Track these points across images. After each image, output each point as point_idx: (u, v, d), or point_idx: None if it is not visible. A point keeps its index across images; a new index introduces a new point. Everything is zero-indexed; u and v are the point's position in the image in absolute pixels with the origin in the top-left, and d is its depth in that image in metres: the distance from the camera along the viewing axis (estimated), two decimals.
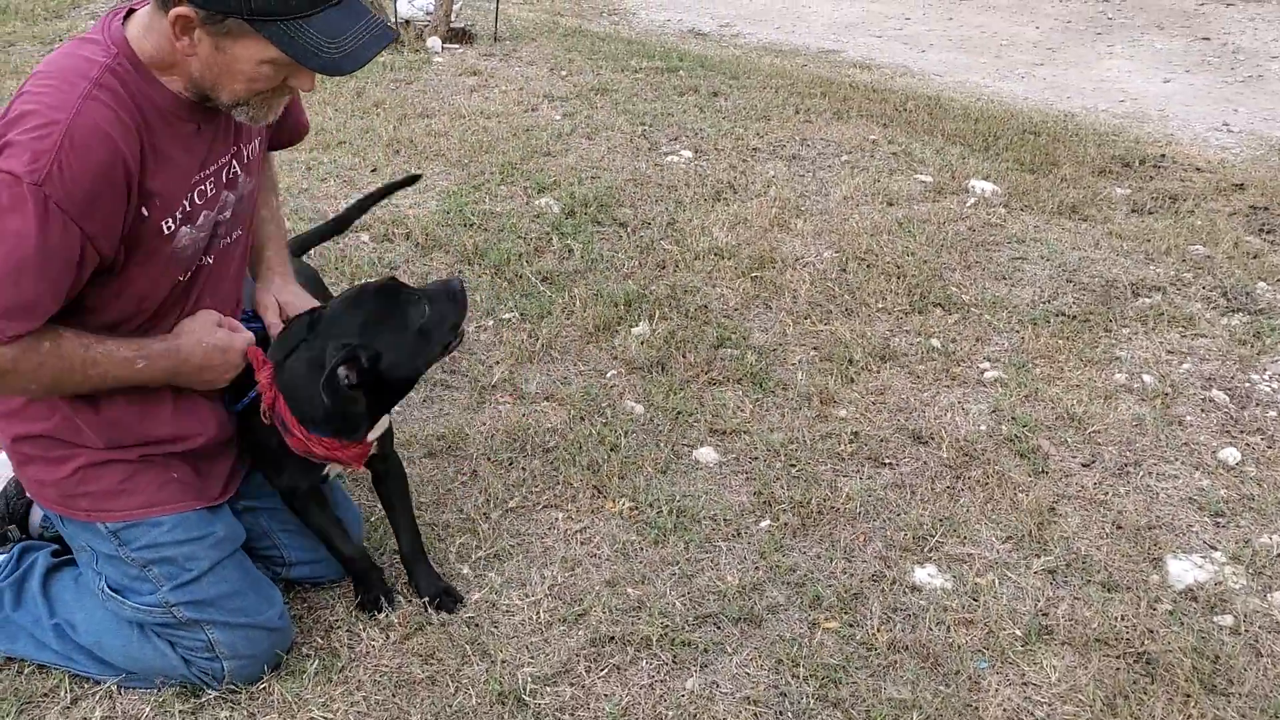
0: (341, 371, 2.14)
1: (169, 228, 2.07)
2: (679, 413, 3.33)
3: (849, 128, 5.68)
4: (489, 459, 3.11)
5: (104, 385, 2.12)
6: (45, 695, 2.31)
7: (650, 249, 4.29)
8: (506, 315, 3.82)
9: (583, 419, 3.27)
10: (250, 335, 2.31)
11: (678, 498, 2.96)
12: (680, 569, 2.73)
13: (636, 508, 2.93)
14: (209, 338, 2.20)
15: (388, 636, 2.49)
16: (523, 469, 3.07)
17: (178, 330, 2.18)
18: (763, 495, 3.00)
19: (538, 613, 2.57)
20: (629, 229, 4.43)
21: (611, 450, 3.13)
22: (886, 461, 3.17)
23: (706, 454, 3.17)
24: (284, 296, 2.47)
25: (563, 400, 3.38)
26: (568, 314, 3.82)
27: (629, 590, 2.66)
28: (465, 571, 2.70)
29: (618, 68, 6.48)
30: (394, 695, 2.33)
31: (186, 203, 2.09)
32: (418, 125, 5.30)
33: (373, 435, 2.35)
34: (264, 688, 2.34)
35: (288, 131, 2.49)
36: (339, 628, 2.50)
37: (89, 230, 1.92)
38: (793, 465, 3.12)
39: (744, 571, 2.74)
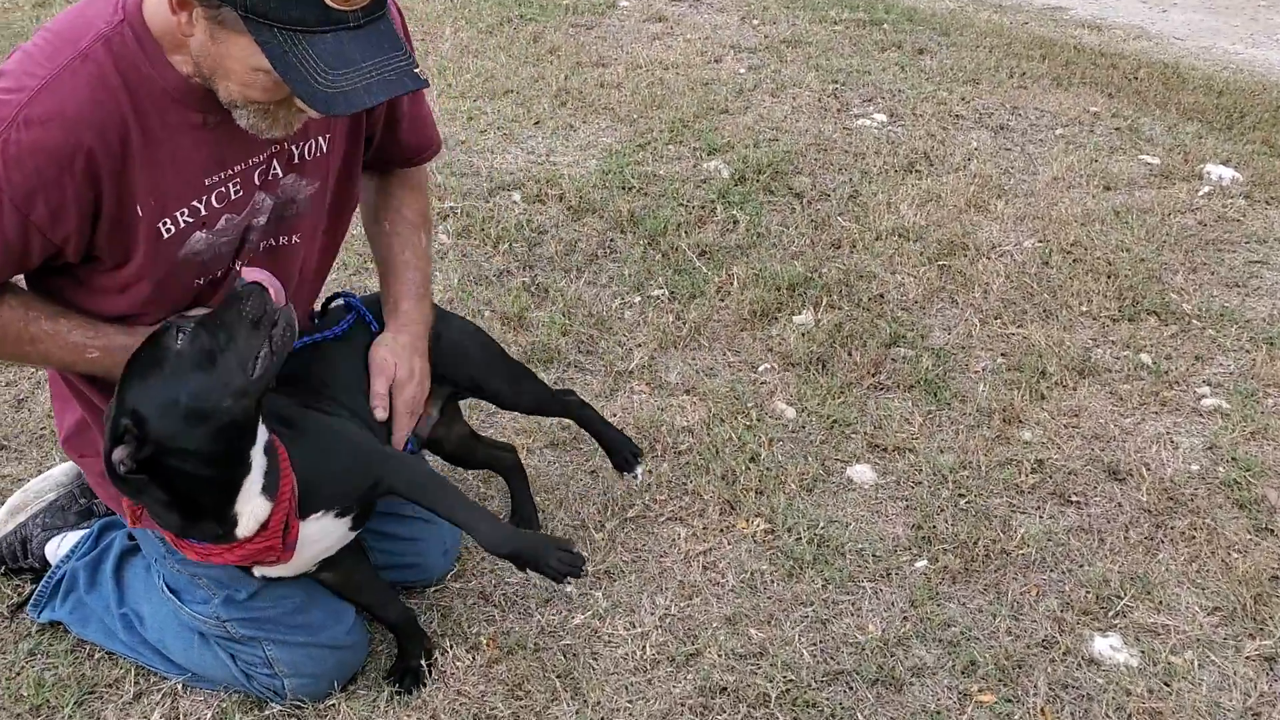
0: (117, 456, 1.66)
1: (169, 230, 1.80)
2: (835, 421, 2.93)
3: (1068, 97, 5.06)
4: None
5: (48, 364, 1.91)
6: (109, 686, 2.16)
7: (825, 225, 3.86)
8: (655, 292, 3.49)
9: (724, 419, 2.92)
10: None
11: (821, 523, 2.59)
12: (814, 611, 2.37)
13: (772, 531, 2.57)
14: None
15: (474, 658, 2.22)
16: (649, 472, 2.74)
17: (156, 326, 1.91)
18: (922, 529, 2.59)
19: (644, 647, 2.26)
20: (804, 201, 4.02)
21: (751, 460, 2.77)
22: (1073, 499, 2.70)
23: (862, 473, 2.77)
24: (402, 370, 2.12)
25: (704, 395, 3.03)
26: (723, 295, 3.46)
27: (751, 631, 2.31)
28: (569, 589, 2.40)
29: (815, 18, 5.99)
30: None
31: (199, 205, 1.82)
32: (590, 75, 4.99)
33: (246, 530, 1.82)
34: (332, 705, 2.12)
35: (402, 145, 2.15)
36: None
37: (34, 218, 1.66)
38: (961, 495, 2.69)
39: (889, 621, 2.35)
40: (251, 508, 1.81)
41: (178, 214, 1.79)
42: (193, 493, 1.74)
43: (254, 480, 1.80)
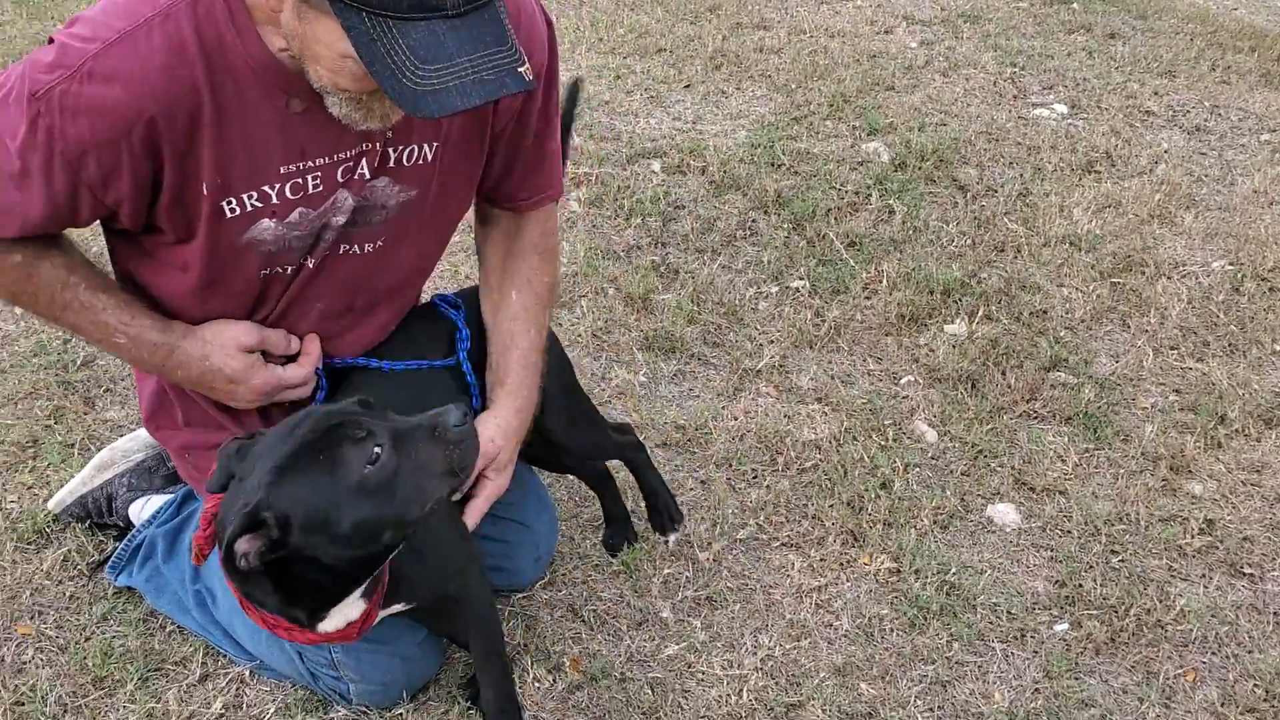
0: (240, 547, 1.44)
1: (233, 211, 1.63)
2: (980, 450, 2.65)
3: (1278, 97, 4.56)
4: (729, 466, 2.58)
5: (77, 335, 1.79)
6: (176, 664, 2.05)
7: (989, 224, 3.53)
8: (795, 284, 3.23)
9: (856, 436, 2.67)
10: (282, 377, 1.78)
11: (954, 567, 2.32)
12: (935, 670, 2.12)
13: (898, 571, 2.32)
14: (218, 358, 1.75)
15: (554, 680, 2.05)
16: (766, 488, 2.52)
17: (193, 330, 1.74)
18: (1066, 587, 2.31)
19: (740, 691, 2.05)
20: (968, 195, 3.68)
21: (883, 487, 2.52)
22: (1247, 571, 2.38)
23: (1004, 513, 2.50)
24: (504, 455, 1.92)
25: (837, 405, 2.77)
26: (869, 293, 3.18)
27: (862, 686, 2.08)
28: (665, 614, 2.21)
29: None
30: None
31: (270, 191, 1.64)
32: (749, 38, 4.71)
33: (329, 626, 1.64)
34: (400, 714, 1.97)
35: (515, 180, 1.92)
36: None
37: (84, 176, 1.52)
38: (1114, 551, 2.40)
39: (1018, 692, 2.09)
40: (347, 611, 1.64)
41: (244, 196, 1.63)
42: (303, 592, 1.56)
43: (361, 588, 1.63)
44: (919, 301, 3.12)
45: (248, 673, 2.04)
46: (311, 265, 1.78)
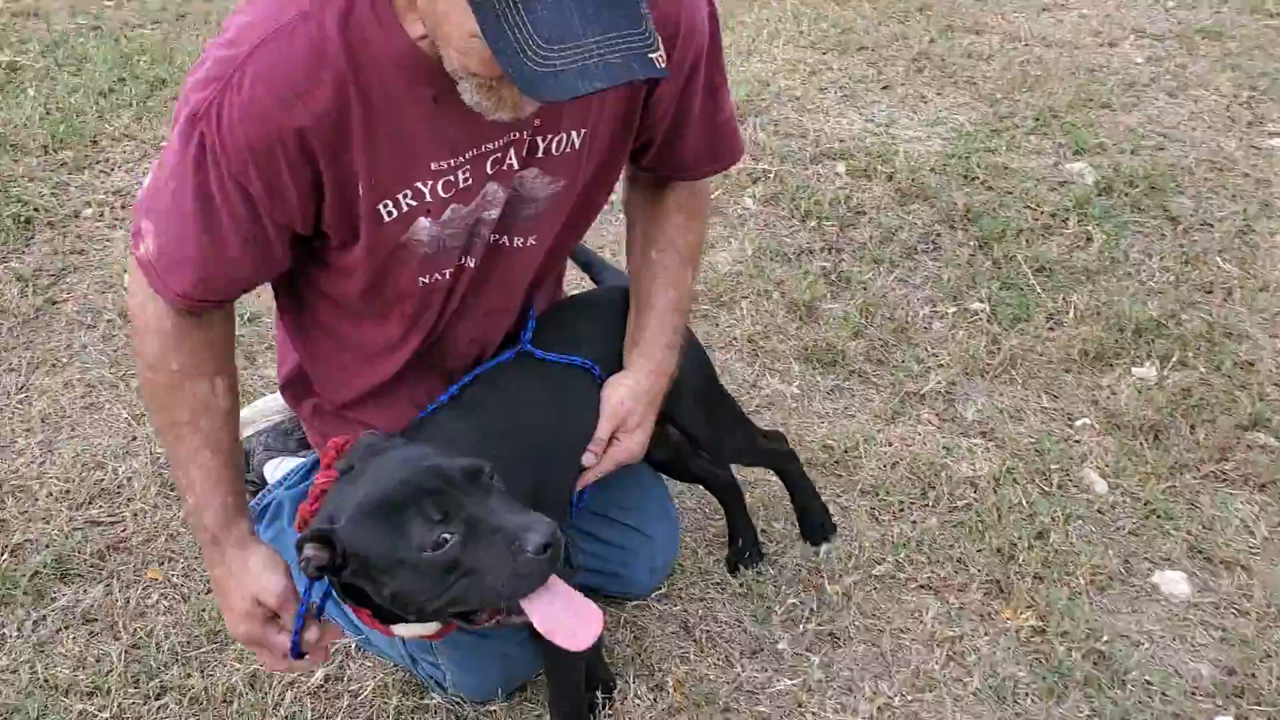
0: (308, 552, 1.43)
1: (390, 214, 1.58)
2: (1155, 510, 2.41)
3: None
4: (875, 495, 2.43)
5: (167, 456, 1.75)
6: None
7: (1199, 261, 3.23)
8: (974, 306, 3.03)
9: (1017, 479, 2.47)
10: (270, 643, 1.65)
11: (1106, 635, 2.12)
12: None
13: (1043, 631, 2.13)
14: (234, 595, 1.66)
15: (655, 700, 1.97)
16: (912, 524, 2.36)
17: (242, 547, 1.66)
18: (1235, 675, 2.07)
19: None
20: (1179, 228, 3.38)
21: (1039, 536, 2.32)
22: None
23: (1174, 582, 2.26)
24: (634, 419, 1.86)
25: (1002, 442, 2.58)
26: (1053, 324, 2.96)
27: None
28: (782, 645, 2.09)
29: (1247, 5, 5.10)
30: None
31: (424, 190, 1.58)
32: (959, 41, 4.46)
33: (404, 632, 1.60)
34: (492, 710, 1.93)
35: (690, 153, 1.83)
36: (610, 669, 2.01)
37: (253, 193, 1.48)
38: None
39: None
40: (416, 630, 1.60)
41: (400, 196, 1.58)
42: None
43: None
44: (1106, 339, 2.87)
45: (353, 647, 2.03)
46: (472, 265, 1.74)
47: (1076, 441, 2.61)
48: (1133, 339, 2.89)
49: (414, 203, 1.60)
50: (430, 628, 1.59)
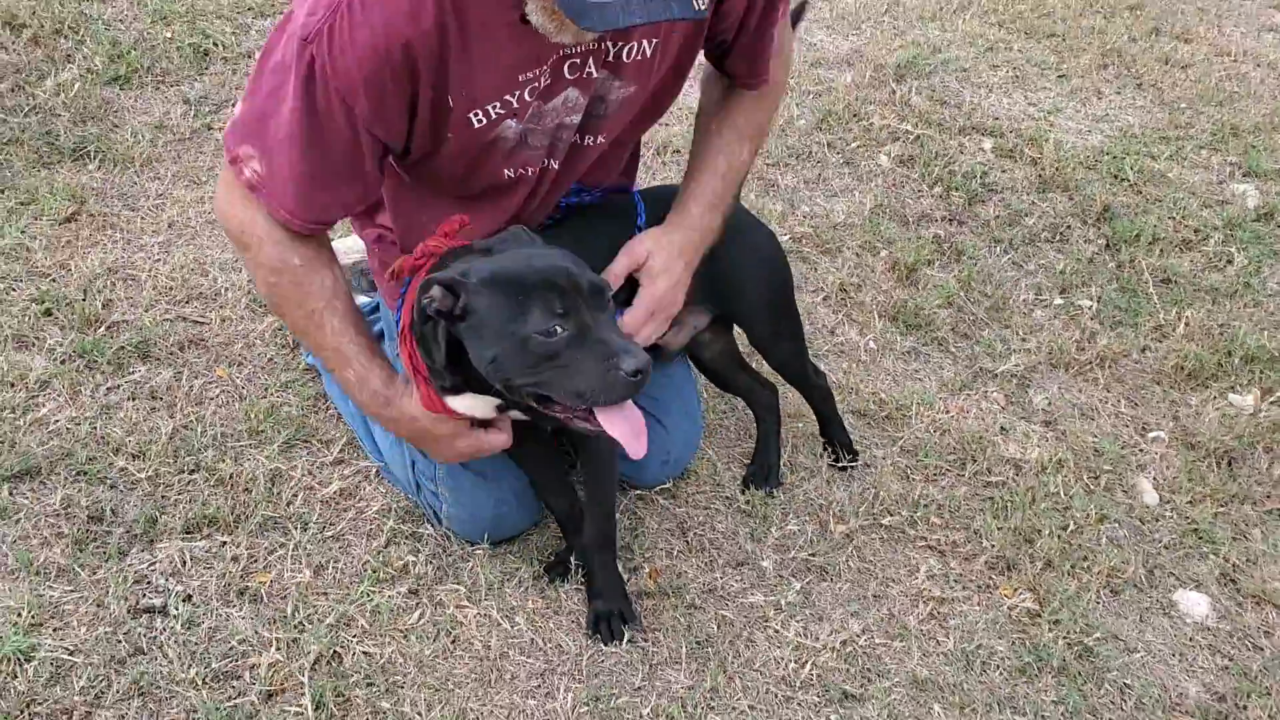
0: (434, 292, 1.58)
1: (479, 121, 1.68)
2: (1197, 530, 2.32)
3: None
4: (913, 455, 2.42)
5: (314, 351, 1.84)
6: (321, 442, 2.23)
7: None
8: (1084, 302, 2.94)
9: (1065, 469, 2.41)
10: (484, 442, 1.81)
11: (1099, 632, 2.07)
12: None
13: (1036, 614, 2.10)
14: (427, 421, 1.78)
15: (629, 581, 2.04)
16: (940, 488, 2.35)
17: (405, 407, 1.77)
18: (1225, 703, 2.00)
19: (806, 663, 1.96)
20: None
21: (1065, 529, 2.27)
22: None
23: (1195, 603, 2.19)
24: (655, 263, 1.91)
25: (1063, 434, 2.52)
26: (1159, 335, 2.84)
27: (935, 707, 1.93)
28: (766, 564, 2.13)
29: None
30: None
31: (511, 99, 1.67)
32: (1159, 46, 4.26)
33: (461, 406, 1.73)
34: (477, 551, 2.04)
35: (731, 64, 1.93)
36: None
37: (359, 110, 1.58)
38: None
39: None
40: (480, 404, 1.73)
41: (489, 107, 1.68)
42: (459, 359, 1.66)
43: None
44: (1209, 360, 2.75)
45: (374, 471, 2.18)
46: (555, 166, 1.85)
47: (1142, 451, 2.52)
48: (1240, 365, 2.75)
49: (503, 110, 1.70)
50: (483, 408, 1.72)
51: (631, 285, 1.92)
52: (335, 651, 1.84)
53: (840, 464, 2.34)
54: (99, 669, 1.74)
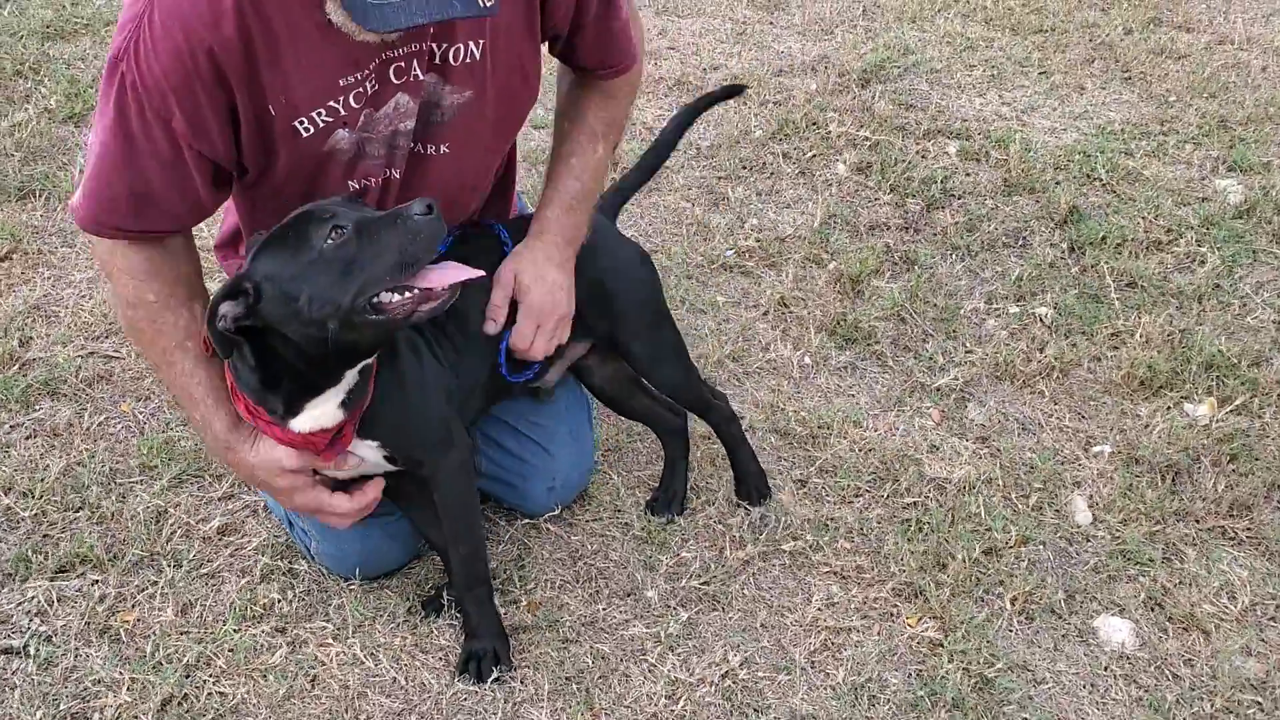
0: (223, 309, 1.56)
1: (307, 130, 1.64)
2: (1126, 551, 2.19)
3: None
4: (831, 475, 2.33)
5: (166, 387, 1.85)
6: (213, 477, 2.22)
7: None
8: (1040, 309, 2.81)
9: (990, 488, 2.30)
10: (323, 503, 1.79)
11: (1003, 664, 1.96)
12: None
13: (939, 645, 2.00)
14: (264, 474, 1.75)
15: (506, 614, 1.99)
16: (855, 510, 2.25)
17: (254, 442, 1.74)
18: None
19: (679, 699, 1.88)
20: None
21: (987, 553, 2.16)
22: None
23: (1116, 629, 2.06)
24: (525, 279, 1.89)
25: (995, 452, 2.41)
26: (1115, 344, 2.70)
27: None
28: (651, 593, 2.06)
29: None
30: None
31: (337, 105, 1.64)
32: (1156, 37, 4.07)
33: (307, 424, 1.68)
34: (350, 587, 2.01)
35: (583, 57, 1.88)
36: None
37: (175, 128, 1.56)
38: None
39: None
40: (321, 412, 1.68)
41: (313, 114, 1.65)
42: (278, 373, 1.65)
43: (337, 392, 1.68)
44: (1166, 369, 2.60)
45: (261, 506, 2.16)
46: (396, 175, 1.81)
47: (1083, 467, 2.39)
48: (1199, 373, 2.60)
49: (330, 119, 1.67)
50: (327, 418, 1.68)
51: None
52: (186, 693, 1.82)
53: (745, 502, 2.25)
54: None
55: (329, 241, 1.55)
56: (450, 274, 1.59)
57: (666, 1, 4.24)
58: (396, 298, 1.56)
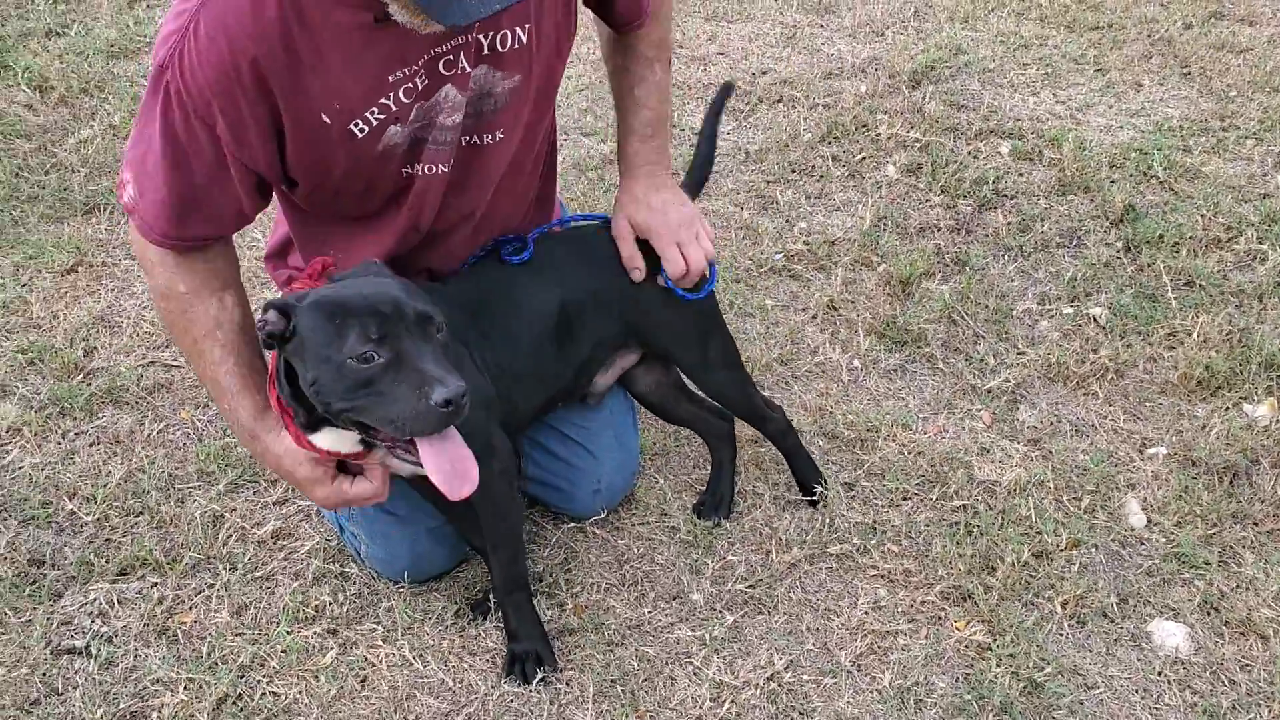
0: (269, 315, 1.59)
1: (362, 131, 1.68)
2: (1182, 555, 2.15)
3: None
4: (880, 478, 2.31)
5: (198, 376, 1.85)
6: (268, 482, 2.27)
7: None
8: (1094, 310, 2.77)
9: (1043, 490, 2.27)
10: (346, 493, 1.77)
11: (1051, 667, 1.93)
12: None
13: (987, 648, 1.98)
14: (289, 464, 1.76)
15: (551, 619, 2.01)
16: (903, 513, 2.24)
17: (279, 434, 1.76)
18: None
19: (724, 701, 1.88)
20: None
21: (1038, 555, 2.13)
22: None
23: (1171, 634, 2.02)
24: (639, 216, 1.97)
25: (1048, 454, 2.38)
26: (1171, 344, 2.66)
27: None
28: (696, 596, 2.06)
29: None
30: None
31: (388, 102, 1.67)
32: (1218, 31, 3.99)
33: (324, 443, 1.69)
34: (399, 590, 2.04)
35: (613, 15, 1.95)
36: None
37: (219, 133, 1.60)
38: None
39: None
40: (339, 438, 1.70)
41: (366, 114, 1.68)
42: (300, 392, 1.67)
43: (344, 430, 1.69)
44: (1224, 368, 2.55)
45: (314, 511, 2.21)
46: (445, 170, 1.83)
47: (1138, 469, 2.35)
48: (1258, 372, 2.55)
49: (382, 116, 1.70)
50: (346, 444, 1.70)
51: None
52: (240, 693, 1.86)
53: (811, 498, 2.26)
54: (9, 711, 1.80)
55: (353, 361, 1.53)
56: (435, 458, 1.57)
57: (716, 7, 4.25)
58: (383, 434, 1.59)
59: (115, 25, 3.97)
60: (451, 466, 1.56)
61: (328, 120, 1.66)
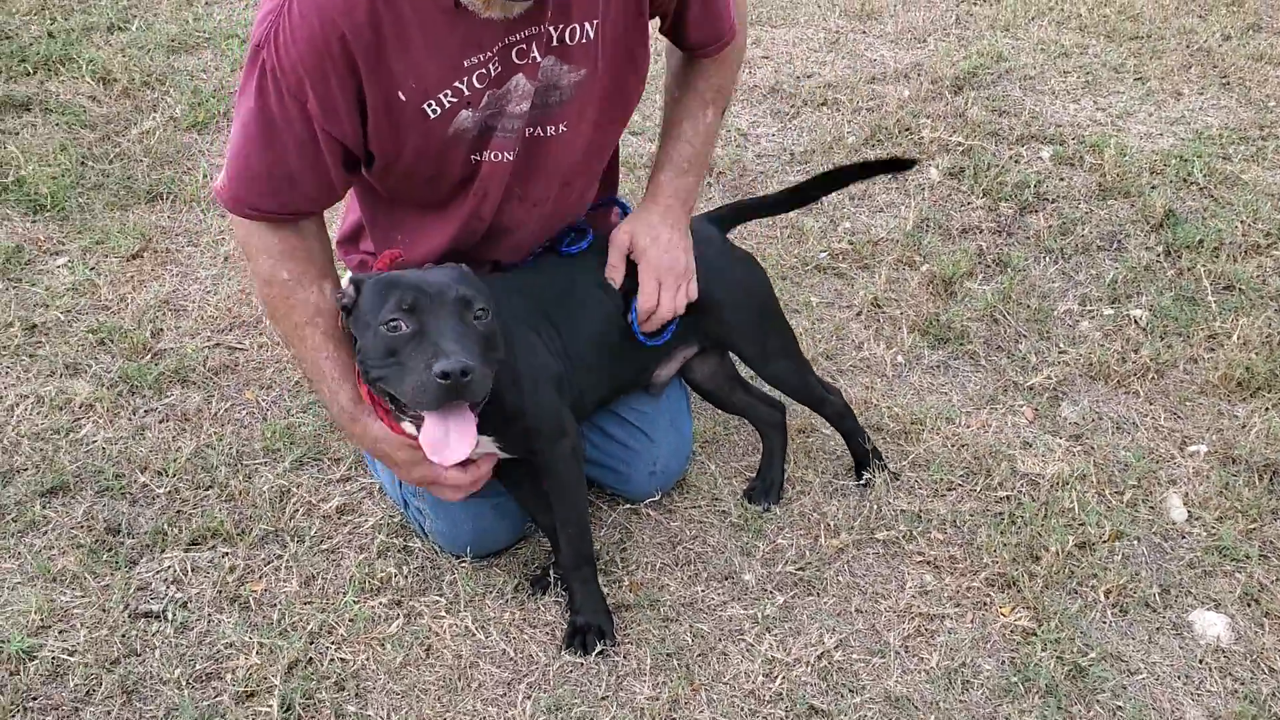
0: (347, 287, 1.75)
1: (434, 112, 1.76)
2: (1224, 547, 2.20)
3: None
4: (924, 469, 2.37)
5: (295, 361, 1.96)
6: (331, 460, 2.35)
7: None
8: (1135, 312, 2.82)
9: (1085, 484, 2.32)
10: (440, 476, 1.87)
11: (1095, 652, 1.98)
12: None
13: (1032, 633, 2.03)
14: (389, 445, 1.86)
15: (609, 593, 2.07)
16: (947, 503, 2.29)
17: (369, 428, 1.86)
18: None
19: (775, 676, 1.94)
20: None
21: (1081, 546, 2.18)
22: None
23: (1212, 624, 2.07)
24: (642, 240, 2.03)
25: (1090, 449, 2.43)
26: (1212, 345, 2.70)
27: None
28: (748, 577, 2.12)
29: None
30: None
31: (461, 86, 1.75)
32: (1257, 42, 4.04)
33: (410, 428, 1.80)
34: (462, 565, 2.11)
35: (687, 35, 1.99)
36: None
37: (310, 108, 1.69)
38: None
39: None
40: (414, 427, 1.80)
41: (441, 95, 1.76)
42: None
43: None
44: (1265, 370, 2.59)
45: (377, 488, 2.28)
46: (510, 158, 1.91)
47: (1179, 466, 2.40)
48: None
49: (455, 99, 1.79)
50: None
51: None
52: (310, 658, 1.93)
53: (863, 481, 2.33)
54: (92, 669, 1.88)
55: (384, 329, 1.66)
56: (427, 427, 1.67)
57: (761, 12, 4.32)
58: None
59: (175, 21, 4.07)
60: (438, 434, 1.66)
61: (404, 98, 1.74)
